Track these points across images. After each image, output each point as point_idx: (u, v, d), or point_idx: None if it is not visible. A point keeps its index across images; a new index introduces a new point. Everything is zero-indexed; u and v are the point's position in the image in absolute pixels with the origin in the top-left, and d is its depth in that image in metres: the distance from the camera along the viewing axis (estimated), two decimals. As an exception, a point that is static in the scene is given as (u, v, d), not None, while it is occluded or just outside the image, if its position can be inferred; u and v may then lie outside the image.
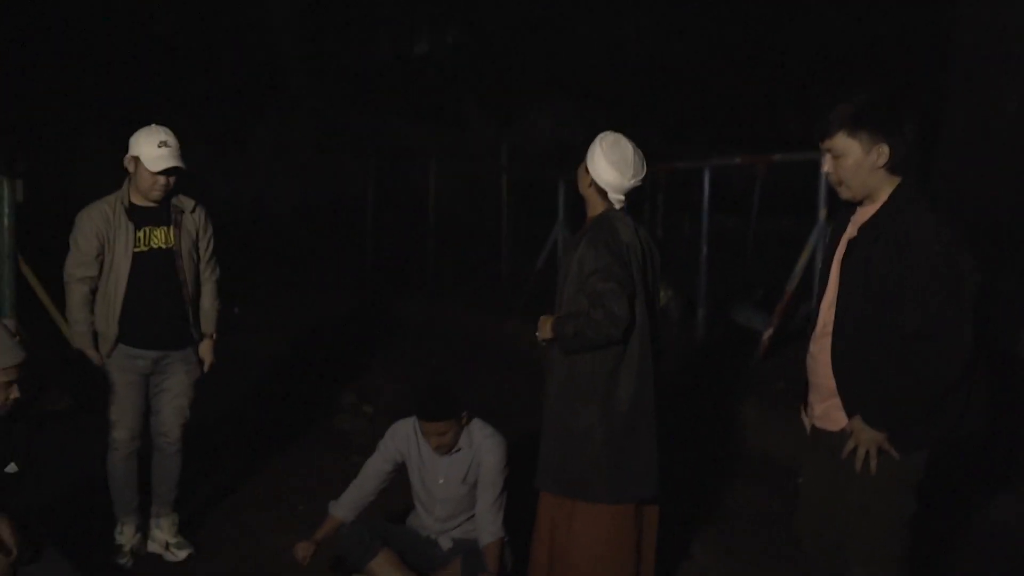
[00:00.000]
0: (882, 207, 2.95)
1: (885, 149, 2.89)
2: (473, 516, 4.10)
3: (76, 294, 4.18)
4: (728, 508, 5.17)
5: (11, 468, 3.60)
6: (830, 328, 3.05)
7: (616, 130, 3.79)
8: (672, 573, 4.31)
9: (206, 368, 4.43)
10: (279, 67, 15.83)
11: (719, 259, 8.81)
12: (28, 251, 6.01)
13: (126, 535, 4.35)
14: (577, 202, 3.91)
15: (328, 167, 15.55)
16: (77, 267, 4.17)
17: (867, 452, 2.95)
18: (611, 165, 3.65)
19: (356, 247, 13.90)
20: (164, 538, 4.42)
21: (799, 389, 3.34)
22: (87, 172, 12.02)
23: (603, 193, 3.70)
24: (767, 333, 7.38)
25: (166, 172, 4.11)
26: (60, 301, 6.06)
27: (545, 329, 3.71)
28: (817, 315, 3.17)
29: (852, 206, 3.10)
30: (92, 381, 6.01)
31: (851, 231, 3.06)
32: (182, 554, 4.40)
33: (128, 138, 4.18)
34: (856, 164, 2.93)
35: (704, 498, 5.24)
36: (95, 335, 4.21)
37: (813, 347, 3.16)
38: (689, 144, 10.56)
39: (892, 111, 2.93)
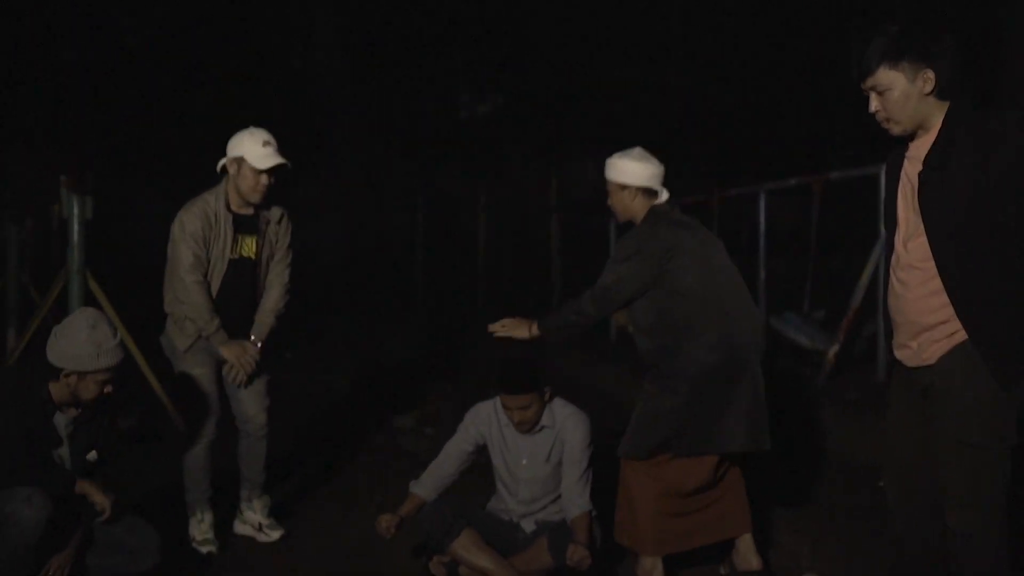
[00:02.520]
0: (940, 131, 2.82)
1: (930, 74, 2.78)
2: (557, 498, 4.00)
3: (200, 292, 4.09)
4: (812, 503, 5.03)
5: (92, 456, 3.60)
6: (915, 262, 2.88)
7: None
8: (765, 558, 4.16)
9: (237, 379, 4.23)
10: (325, 116, 16.11)
11: (774, 293, 8.65)
12: (96, 267, 6.07)
13: (207, 522, 4.31)
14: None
15: (375, 214, 15.72)
16: (193, 267, 4.08)
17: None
18: (635, 161, 3.94)
19: (407, 291, 13.97)
20: (257, 519, 4.43)
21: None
22: (143, 206, 12.25)
23: (647, 192, 3.94)
24: (832, 351, 7.21)
25: (270, 171, 4.11)
26: (126, 318, 6.12)
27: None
28: (891, 252, 3.02)
29: (904, 142, 2.96)
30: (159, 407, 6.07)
31: (913, 166, 2.90)
32: (275, 534, 4.41)
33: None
34: (904, 95, 2.80)
35: (788, 495, 5.10)
36: (182, 328, 4.19)
37: (897, 285, 2.97)
38: (735, 183, 10.51)
39: (931, 35, 2.81)
